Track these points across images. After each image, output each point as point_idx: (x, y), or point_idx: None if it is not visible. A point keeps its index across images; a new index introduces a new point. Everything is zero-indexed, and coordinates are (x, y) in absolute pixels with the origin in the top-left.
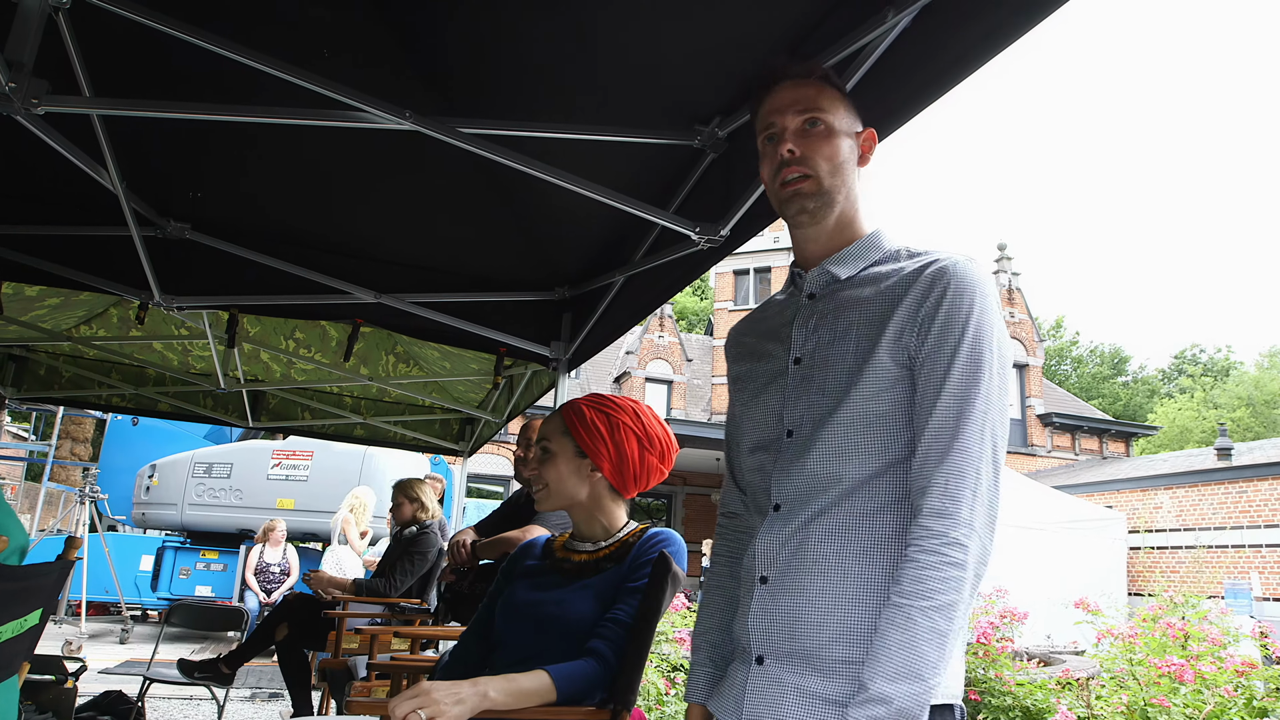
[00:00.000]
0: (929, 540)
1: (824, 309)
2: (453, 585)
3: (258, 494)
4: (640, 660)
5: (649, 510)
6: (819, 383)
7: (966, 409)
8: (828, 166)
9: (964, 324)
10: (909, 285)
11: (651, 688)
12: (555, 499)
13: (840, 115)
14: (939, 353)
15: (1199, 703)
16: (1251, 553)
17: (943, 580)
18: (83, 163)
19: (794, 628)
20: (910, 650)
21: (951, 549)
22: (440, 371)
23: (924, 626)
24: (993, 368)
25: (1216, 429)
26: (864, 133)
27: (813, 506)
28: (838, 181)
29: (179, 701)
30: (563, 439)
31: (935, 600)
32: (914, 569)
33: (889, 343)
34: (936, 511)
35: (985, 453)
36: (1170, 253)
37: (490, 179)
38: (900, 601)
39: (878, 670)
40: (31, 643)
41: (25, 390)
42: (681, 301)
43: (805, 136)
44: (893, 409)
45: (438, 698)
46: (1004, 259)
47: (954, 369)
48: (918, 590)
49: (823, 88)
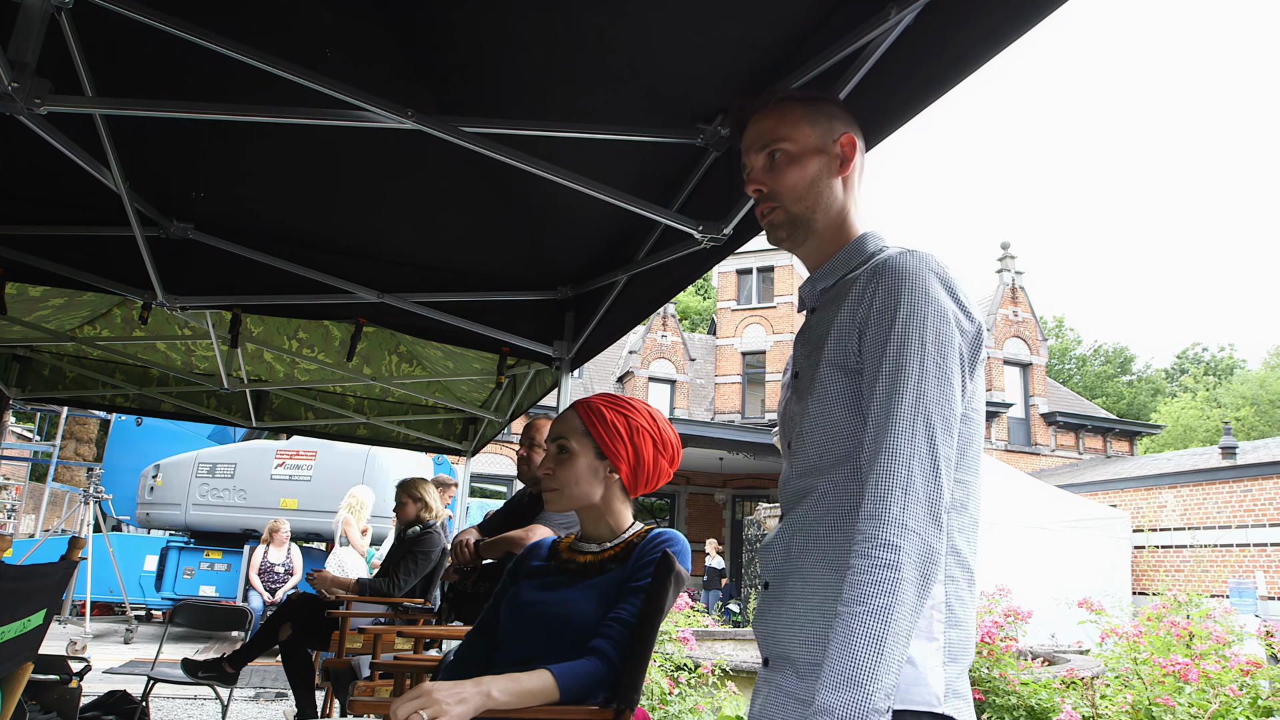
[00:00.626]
0: (861, 544)
1: (812, 322)
2: (456, 585)
3: (261, 494)
4: (643, 659)
5: (652, 510)
6: (799, 396)
7: (893, 406)
8: (793, 195)
9: (890, 318)
10: (851, 291)
11: (655, 687)
12: (569, 500)
13: (804, 134)
14: (871, 354)
15: (1204, 702)
16: (1256, 551)
17: (875, 584)
18: (85, 163)
19: (779, 632)
20: (846, 658)
21: (882, 550)
22: (443, 371)
23: (857, 632)
24: (923, 358)
25: (1221, 427)
26: (840, 139)
27: (794, 515)
28: (808, 204)
29: (183, 701)
30: (583, 439)
31: (868, 604)
32: (850, 575)
33: (833, 348)
34: (868, 514)
35: (917, 447)
36: (1173, 251)
37: (492, 178)
38: (839, 610)
39: (822, 681)
40: (35, 643)
41: (29, 391)
42: (684, 301)
43: (770, 171)
44: (846, 416)
45: (440, 698)
46: (1007, 258)
47: (882, 368)
48: (851, 596)
49: (783, 113)
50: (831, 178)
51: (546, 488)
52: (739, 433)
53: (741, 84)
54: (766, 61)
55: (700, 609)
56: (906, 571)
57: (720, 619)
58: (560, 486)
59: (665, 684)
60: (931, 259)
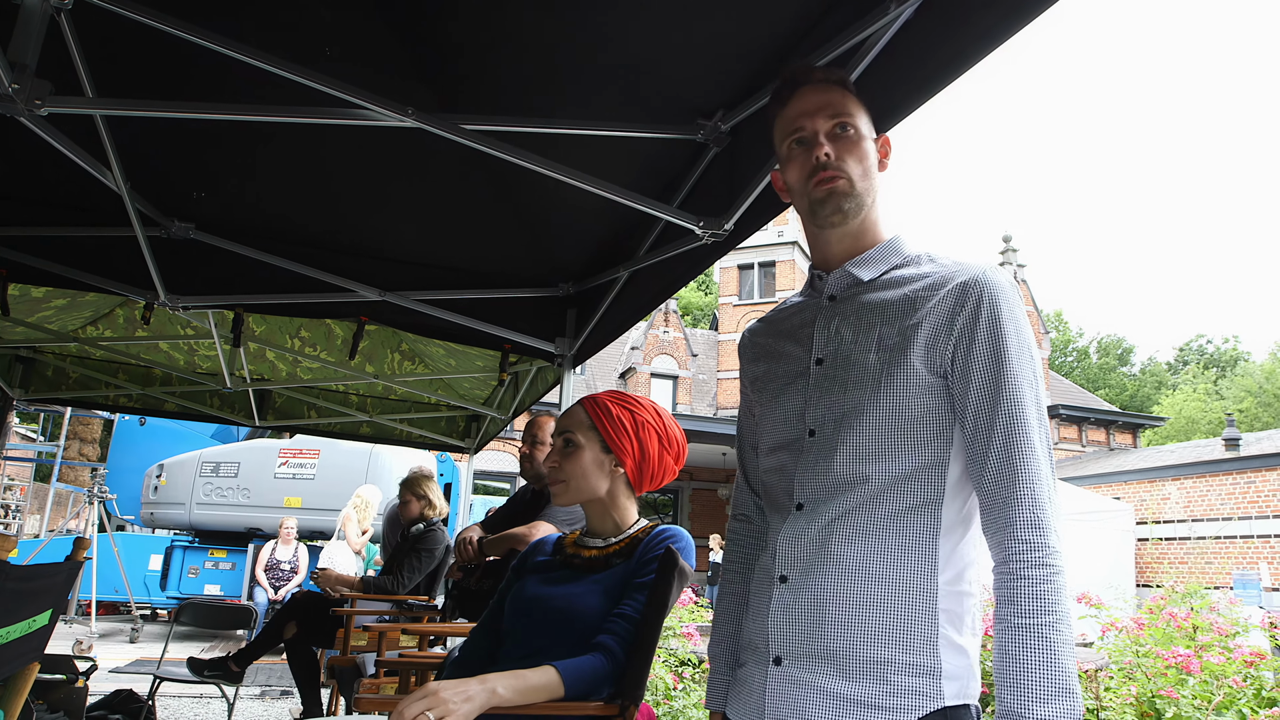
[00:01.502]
0: (1032, 554)
1: (845, 310)
2: (460, 582)
3: (265, 493)
4: (648, 655)
5: (656, 505)
6: (842, 383)
7: (1025, 417)
8: (860, 170)
9: (1005, 338)
10: (937, 292)
11: (659, 683)
12: (575, 493)
13: (864, 122)
14: (985, 364)
15: (1207, 694)
16: (1260, 543)
17: (1057, 591)
18: (86, 164)
19: (816, 628)
20: (1056, 667)
21: (1054, 558)
22: (446, 369)
23: (1057, 640)
24: (1036, 371)
25: (1224, 419)
26: (880, 139)
27: (836, 506)
28: (868, 184)
29: (189, 700)
30: (589, 433)
31: (1058, 612)
32: (1028, 586)
33: (922, 349)
34: (1030, 523)
35: (1048, 456)
36: (1176, 244)
37: (493, 176)
38: (1027, 622)
39: (1030, 696)
40: (41, 643)
41: (33, 391)
42: (686, 296)
43: (837, 140)
44: (923, 414)
45: (446, 697)
46: (1009, 251)
47: (1006, 379)
48: (1040, 607)
49: (847, 94)
50: (877, 169)
51: (553, 480)
52: None
53: (741, 80)
54: (766, 57)
55: (704, 604)
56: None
57: None
58: (566, 479)
59: (669, 679)
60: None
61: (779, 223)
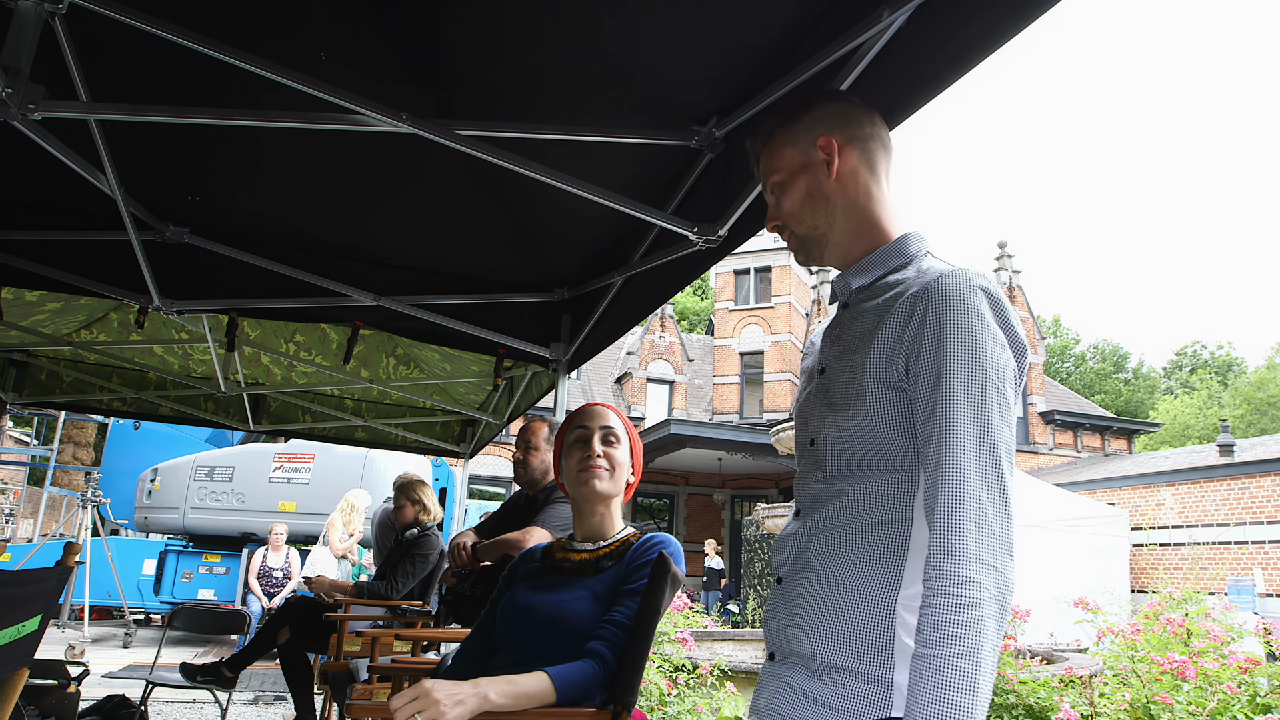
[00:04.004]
0: (940, 582)
1: (845, 319)
2: (454, 587)
3: (260, 497)
4: (640, 661)
5: (652, 511)
6: (829, 394)
7: (958, 436)
8: (794, 219)
9: (946, 345)
10: (897, 304)
11: (654, 688)
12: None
13: (787, 159)
14: (925, 379)
15: (1202, 700)
16: (1255, 549)
17: (961, 624)
18: (80, 168)
19: (795, 629)
20: (942, 703)
21: (964, 588)
22: (440, 373)
23: (950, 676)
24: (984, 385)
25: (1218, 425)
26: (818, 144)
27: (817, 515)
28: (809, 222)
29: (182, 705)
30: (624, 437)
31: (957, 646)
32: (931, 615)
33: (877, 363)
34: (943, 549)
35: (986, 479)
36: (1171, 250)
37: (488, 181)
38: (924, 652)
39: None
40: (30, 648)
41: (26, 395)
42: (682, 302)
43: (777, 201)
44: (886, 428)
45: (438, 698)
46: (1004, 257)
47: (940, 396)
48: (938, 639)
49: (770, 145)
50: (823, 186)
51: (598, 466)
52: (737, 433)
53: (735, 86)
54: (760, 63)
55: (699, 610)
56: (988, 609)
57: (719, 620)
58: (612, 468)
59: (664, 685)
60: (981, 279)
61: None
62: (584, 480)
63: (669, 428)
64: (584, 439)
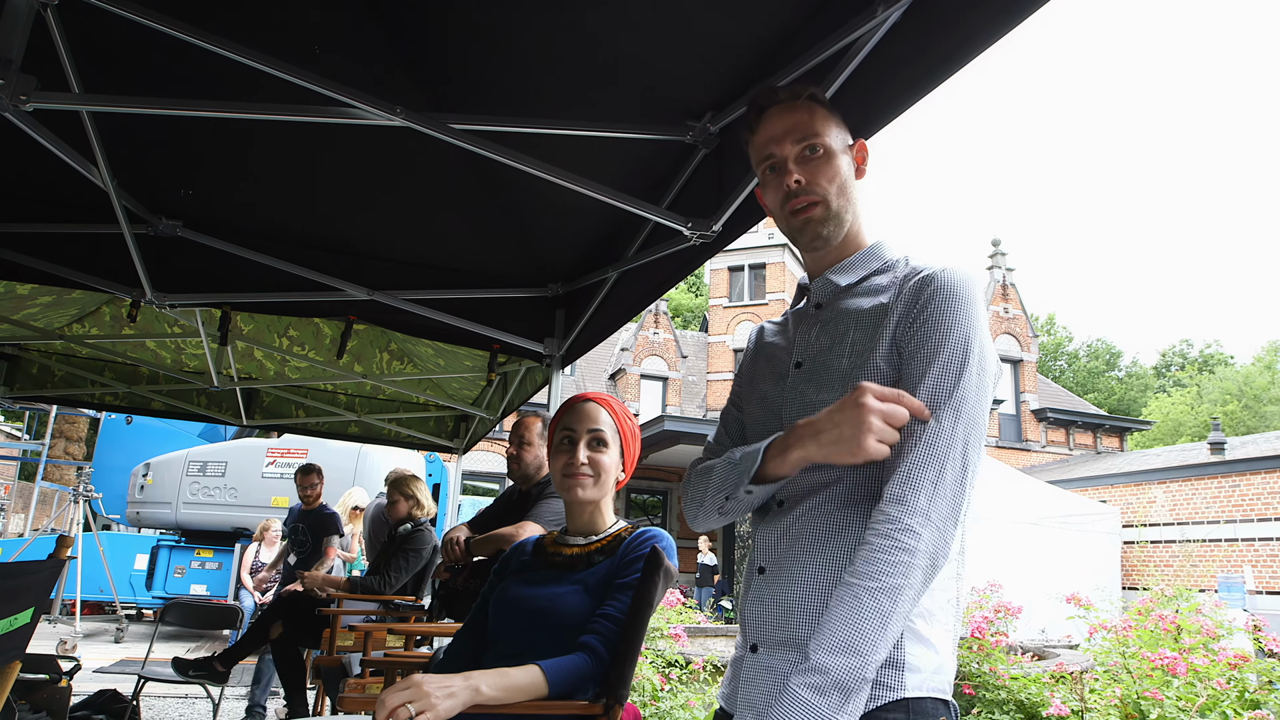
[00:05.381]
0: (884, 525)
1: (826, 316)
2: (447, 582)
3: (252, 492)
4: (632, 655)
5: (645, 507)
6: (816, 385)
7: (940, 404)
8: (834, 189)
9: (947, 326)
10: (902, 293)
11: (646, 684)
12: (599, 489)
13: (834, 134)
14: (921, 351)
15: (1192, 695)
16: (1244, 546)
17: (891, 564)
18: (72, 160)
19: (786, 618)
20: (853, 627)
21: (904, 535)
22: (434, 368)
23: (868, 606)
24: (972, 371)
25: (1209, 423)
26: (855, 145)
27: (809, 503)
28: (844, 201)
29: (174, 700)
30: (614, 436)
31: (882, 582)
32: (866, 551)
33: (885, 349)
34: (895, 498)
35: (955, 448)
36: (1162, 248)
37: (482, 176)
38: (850, 581)
39: (820, 643)
40: (22, 641)
41: (18, 389)
42: (676, 298)
43: (807, 163)
44: None
45: (429, 690)
46: (998, 255)
47: (933, 367)
48: (867, 571)
49: (814, 109)
50: (853, 179)
51: (582, 474)
52: None
53: (730, 81)
54: (754, 59)
55: (692, 605)
56: (920, 559)
57: (712, 616)
58: (597, 474)
59: (657, 680)
60: (970, 277)
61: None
62: (567, 487)
63: (663, 424)
64: (570, 441)
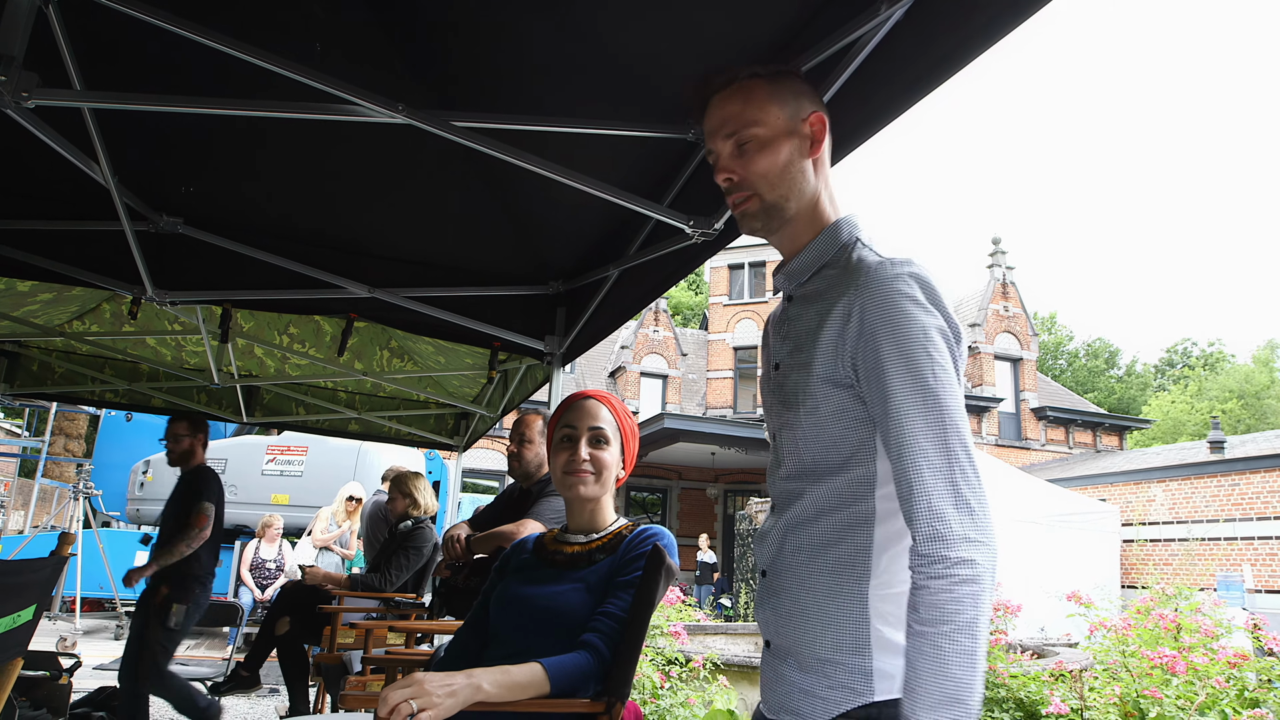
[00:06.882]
0: (931, 566)
1: (791, 314)
2: (447, 580)
3: (252, 489)
4: (634, 653)
5: (644, 505)
6: (783, 393)
7: (910, 433)
8: (766, 182)
9: (886, 337)
10: (835, 302)
11: (647, 681)
12: (600, 487)
13: (772, 115)
14: (873, 373)
15: (1191, 694)
16: (1244, 545)
17: (957, 600)
18: (74, 157)
19: (779, 624)
20: (944, 676)
21: (957, 568)
22: (435, 366)
23: (950, 651)
24: (930, 369)
25: (1209, 422)
26: (810, 118)
27: (788, 514)
28: (783, 190)
29: None
30: (615, 434)
31: (955, 622)
32: (926, 595)
33: (823, 364)
34: (927, 538)
35: (953, 458)
36: (1164, 247)
37: (484, 173)
38: (922, 630)
39: (917, 703)
40: (25, 638)
41: (18, 386)
42: (676, 296)
43: (740, 157)
44: (839, 426)
45: (430, 689)
46: (998, 253)
47: (890, 388)
48: (935, 617)
49: (750, 92)
50: (803, 160)
51: (583, 472)
52: (731, 427)
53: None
54: (758, 56)
55: (692, 603)
56: (985, 583)
57: (712, 613)
58: (598, 472)
59: (657, 678)
60: (910, 266)
61: None
62: (569, 485)
63: (663, 422)
64: (571, 439)
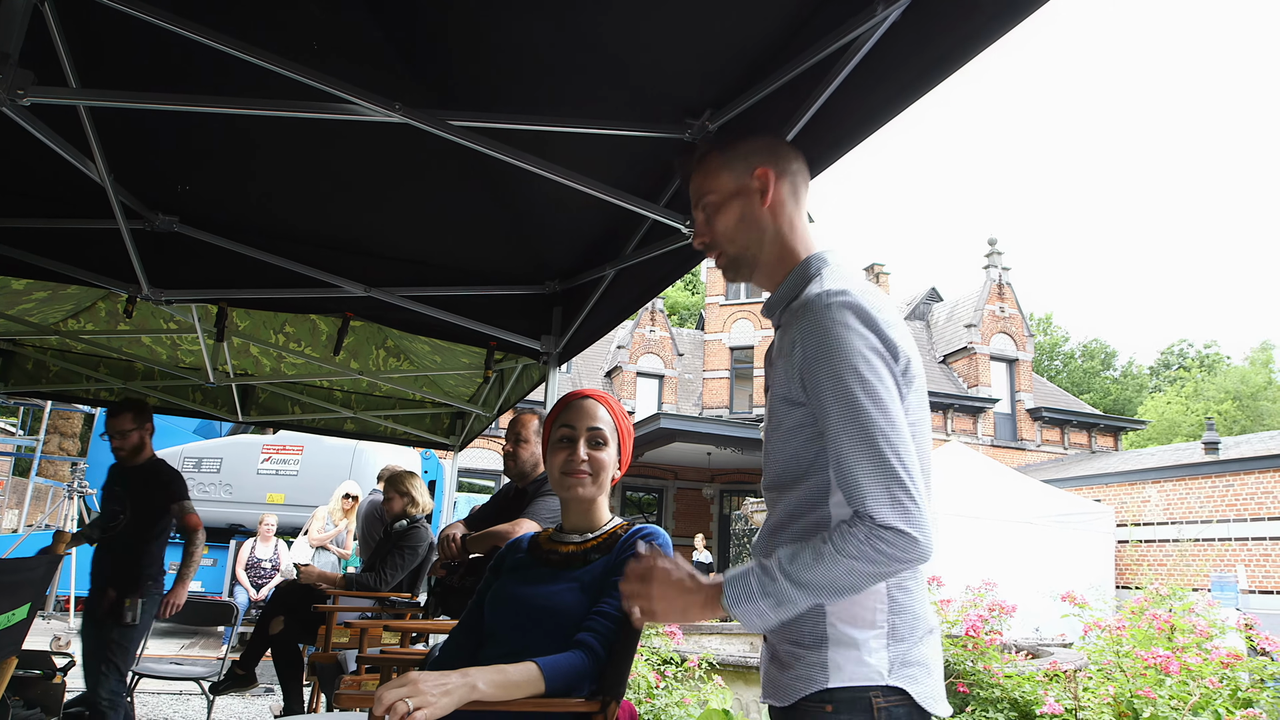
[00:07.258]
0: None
1: (775, 342)
2: (443, 579)
3: (248, 489)
4: (629, 653)
5: (640, 504)
6: (767, 411)
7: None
8: (727, 239)
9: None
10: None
11: (642, 681)
12: (598, 488)
13: (722, 181)
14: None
15: (1185, 694)
16: (1238, 545)
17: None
18: (69, 155)
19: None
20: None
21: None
22: (431, 365)
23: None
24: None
25: (1204, 423)
26: (755, 173)
27: (769, 520)
28: (741, 242)
29: (168, 696)
30: (612, 435)
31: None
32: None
33: (781, 385)
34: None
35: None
36: (1159, 248)
37: (481, 173)
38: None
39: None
40: (19, 637)
41: (12, 384)
42: (673, 296)
43: (707, 222)
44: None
45: (425, 688)
46: (994, 254)
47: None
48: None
49: (705, 168)
50: (757, 211)
51: (582, 472)
52: (727, 428)
53: (729, 79)
54: (754, 56)
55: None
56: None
57: None
58: (596, 473)
59: (652, 677)
60: (843, 295)
61: None
62: (567, 485)
63: (659, 422)
64: (569, 439)
